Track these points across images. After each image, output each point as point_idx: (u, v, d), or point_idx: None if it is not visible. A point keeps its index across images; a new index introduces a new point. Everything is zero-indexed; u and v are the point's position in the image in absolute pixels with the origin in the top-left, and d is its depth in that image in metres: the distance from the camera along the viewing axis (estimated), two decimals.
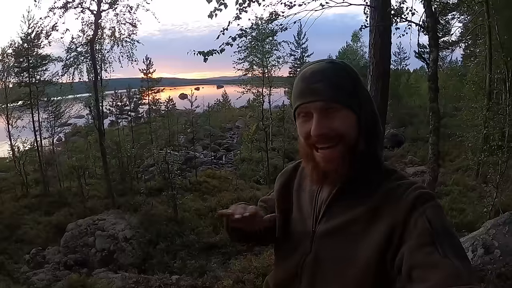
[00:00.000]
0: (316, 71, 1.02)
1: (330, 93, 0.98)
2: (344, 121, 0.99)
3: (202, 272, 9.58)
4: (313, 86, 0.99)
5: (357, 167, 1.01)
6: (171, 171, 14.28)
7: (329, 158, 1.00)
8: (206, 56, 5.60)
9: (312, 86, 0.99)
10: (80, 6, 15.92)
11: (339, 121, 0.99)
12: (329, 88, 0.98)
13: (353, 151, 1.00)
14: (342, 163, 1.00)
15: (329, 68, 1.02)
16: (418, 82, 33.23)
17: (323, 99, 0.98)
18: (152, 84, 28.57)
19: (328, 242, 1.04)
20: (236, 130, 37.50)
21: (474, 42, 22.19)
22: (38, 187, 19.14)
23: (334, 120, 0.98)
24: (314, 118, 0.99)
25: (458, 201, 12.64)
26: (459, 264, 0.77)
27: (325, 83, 0.98)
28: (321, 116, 0.99)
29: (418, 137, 23.90)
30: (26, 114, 20.98)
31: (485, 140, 13.80)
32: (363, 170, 1.01)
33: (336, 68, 1.02)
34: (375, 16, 5.50)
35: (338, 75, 1.01)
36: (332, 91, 0.98)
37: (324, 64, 1.03)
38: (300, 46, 33.04)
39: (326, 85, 0.98)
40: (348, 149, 0.99)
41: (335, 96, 0.98)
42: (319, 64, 1.04)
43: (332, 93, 0.98)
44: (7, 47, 20.54)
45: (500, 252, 4.86)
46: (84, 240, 12.05)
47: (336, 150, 0.99)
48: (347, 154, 0.99)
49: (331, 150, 0.99)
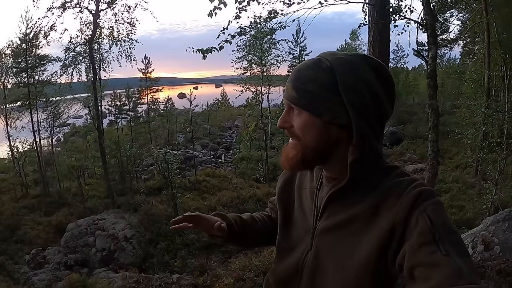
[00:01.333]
0: (295, 69, 1.05)
1: (292, 94, 1.01)
2: (299, 123, 1.01)
3: (203, 270, 9.58)
4: (286, 83, 1.03)
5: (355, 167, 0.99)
6: (170, 170, 14.28)
7: (292, 145, 1.05)
8: (205, 54, 5.60)
9: (287, 83, 1.03)
10: (79, 6, 15.91)
11: (296, 122, 1.02)
12: (292, 89, 1.01)
13: (307, 151, 1.02)
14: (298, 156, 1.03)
15: (306, 66, 1.02)
16: (416, 80, 33.27)
17: (286, 98, 1.02)
18: (150, 84, 28.66)
19: (329, 239, 1.05)
20: (235, 129, 37.57)
21: (472, 40, 22.19)
22: (37, 187, 19.18)
23: (294, 119, 1.02)
24: None
25: (458, 198, 12.68)
26: (461, 262, 0.77)
27: (291, 83, 1.01)
28: (286, 111, 1.04)
29: (417, 135, 23.91)
30: (25, 115, 21.03)
31: (484, 138, 13.83)
32: (363, 169, 1.00)
33: (314, 68, 1.00)
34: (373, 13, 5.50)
35: (309, 76, 0.99)
36: (294, 92, 1.00)
37: (308, 62, 1.03)
38: (299, 45, 33.00)
39: (291, 85, 1.01)
40: (303, 148, 1.02)
41: (295, 98, 1.00)
42: (307, 61, 1.04)
43: (293, 94, 1.00)
44: (5, 48, 20.57)
45: (500, 248, 4.87)
46: (84, 240, 12.06)
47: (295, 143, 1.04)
48: (301, 151, 1.02)
49: (292, 143, 1.05)
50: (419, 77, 32.74)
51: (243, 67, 27.01)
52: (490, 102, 14.84)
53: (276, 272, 1.24)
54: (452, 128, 17.00)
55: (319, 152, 1.02)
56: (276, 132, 26.77)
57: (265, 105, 26.98)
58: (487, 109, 13.30)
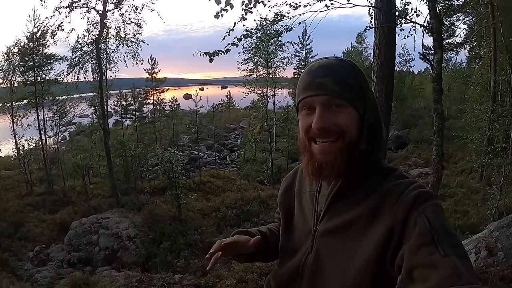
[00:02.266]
0: (323, 66, 1.02)
1: (336, 88, 0.98)
2: (347, 118, 0.99)
3: (205, 271, 9.58)
4: (319, 80, 1.00)
5: (356, 166, 1.01)
6: (175, 171, 14.29)
7: (326, 151, 1.00)
8: (211, 57, 5.63)
9: (318, 80, 1.00)
10: (86, 5, 15.94)
11: (343, 117, 0.99)
12: (336, 84, 0.98)
13: (352, 148, 1.00)
14: (339, 158, 1.00)
15: (337, 64, 1.02)
16: (422, 83, 33.12)
17: (328, 93, 0.98)
18: (156, 84, 28.73)
19: (329, 241, 1.05)
20: (240, 131, 37.57)
21: (479, 44, 22.05)
22: (42, 185, 19.26)
23: (338, 116, 0.99)
24: (317, 111, 1.00)
25: (462, 203, 12.61)
26: (460, 263, 0.77)
27: (332, 78, 0.99)
28: (324, 110, 0.99)
29: (422, 139, 23.81)
30: (31, 113, 21.11)
31: (489, 142, 13.76)
32: (363, 170, 1.02)
33: (344, 66, 1.02)
34: (379, 17, 5.50)
35: (346, 72, 1.01)
36: (338, 86, 0.98)
37: (332, 60, 1.04)
38: (305, 47, 32.98)
39: (332, 80, 0.99)
40: (347, 145, 0.99)
41: (341, 92, 0.98)
42: (327, 60, 1.04)
43: (338, 88, 0.98)
44: (13, 46, 20.66)
45: (503, 254, 4.84)
46: (88, 239, 12.11)
47: (335, 144, 1.00)
48: (345, 150, 0.99)
49: (330, 144, 1.00)
50: (425, 81, 32.59)
51: (249, 69, 27.00)
52: (496, 107, 14.76)
53: (278, 275, 1.24)
54: (457, 132, 16.94)
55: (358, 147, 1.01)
56: (281, 134, 26.76)
57: (271, 107, 26.98)
58: (493, 114, 13.23)
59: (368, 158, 1.02)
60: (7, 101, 21.61)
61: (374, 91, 5.70)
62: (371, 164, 1.04)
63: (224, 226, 12.90)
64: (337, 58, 1.05)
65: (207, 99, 29.17)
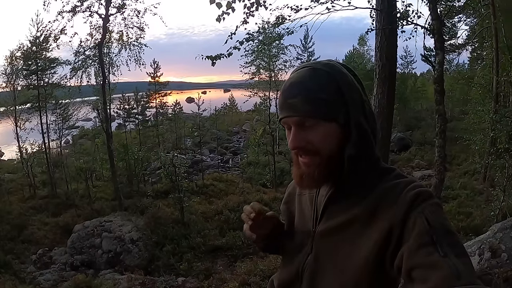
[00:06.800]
0: (294, 84, 1.01)
1: (306, 107, 0.98)
2: (320, 135, 1.00)
3: (208, 274, 9.58)
4: (290, 100, 1.00)
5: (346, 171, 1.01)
6: (178, 174, 14.29)
7: (308, 164, 1.02)
8: (214, 60, 5.65)
9: (289, 101, 1.00)
10: (89, 10, 15.98)
11: (315, 135, 0.99)
12: (306, 103, 0.98)
13: (334, 159, 1.00)
14: (317, 170, 1.02)
15: (309, 78, 1.00)
16: (425, 85, 33.10)
17: (298, 114, 0.99)
18: (159, 88, 28.84)
19: (328, 242, 1.06)
20: (243, 134, 37.59)
21: (480, 45, 21.99)
22: (45, 188, 19.30)
23: (311, 134, 1.00)
24: (292, 131, 1.03)
25: (465, 205, 12.55)
26: (459, 263, 0.77)
27: (301, 97, 0.98)
28: (298, 129, 1.01)
29: (425, 141, 23.74)
30: (34, 117, 21.18)
31: (492, 143, 13.69)
32: (357, 172, 1.02)
33: (317, 76, 1.00)
34: (381, 19, 5.52)
35: (318, 85, 0.99)
36: (309, 105, 0.98)
37: (304, 73, 1.02)
38: (307, 50, 32.94)
39: (303, 99, 0.98)
40: (326, 159, 1.00)
41: (312, 111, 0.98)
42: (300, 72, 1.03)
43: (309, 107, 0.98)
44: (16, 50, 20.78)
45: (507, 255, 4.82)
46: (91, 242, 12.10)
47: (315, 158, 1.01)
48: (324, 163, 1.01)
49: (310, 158, 1.02)
50: (427, 83, 32.58)
51: (251, 72, 27.00)
52: (499, 107, 14.70)
53: (280, 277, 1.25)
54: (460, 134, 16.88)
55: (339, 159, 1.01)
56: (284, 138, 26.71)
57: (273, 110, 26.96)
58: (495, 115, 13.19)
59: (359, 161, 1.01)
60: (10, 105, 21.73)
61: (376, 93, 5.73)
62: (366, 165, 1.03)
63: (227, 229, 12.87)
64: (310, 67, 1.03)
65: (209, 102, 29.28)
